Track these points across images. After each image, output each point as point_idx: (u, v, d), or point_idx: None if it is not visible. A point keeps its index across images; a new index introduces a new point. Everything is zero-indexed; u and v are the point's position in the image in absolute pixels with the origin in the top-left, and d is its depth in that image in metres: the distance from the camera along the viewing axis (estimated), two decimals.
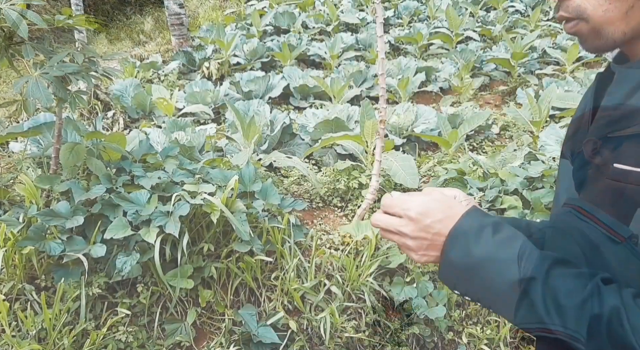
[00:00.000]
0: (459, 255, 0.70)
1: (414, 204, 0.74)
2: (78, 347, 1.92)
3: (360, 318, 2.26)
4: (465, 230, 0.71)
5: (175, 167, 2.48)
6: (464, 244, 0.70)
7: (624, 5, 0.65)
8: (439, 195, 0.75)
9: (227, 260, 2.22)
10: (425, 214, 0.72)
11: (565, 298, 0.63)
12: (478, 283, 0.69)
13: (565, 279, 0.64)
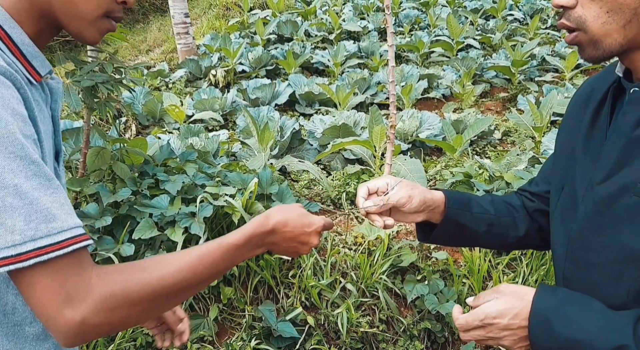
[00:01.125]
0: (547, 342, 0.74)
1: (486, 311, 0.78)
2: (109, 340, 2.02)
3: (374, 314, 2.36)
4: (542, 316, 0.75)
5: (195, 170, 2.59)
6: (547, 330, 0.74)
7: (622, 19, 0.71)
8: (505, 290, 0.80)
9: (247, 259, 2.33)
10: (501, 315, 0.77)
11: None
12: None
13: None
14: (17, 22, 0.71)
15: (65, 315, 0.63)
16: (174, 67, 7.39)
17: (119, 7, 0.78)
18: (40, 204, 0.62)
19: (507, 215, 1.04)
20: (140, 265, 0.72)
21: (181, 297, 0.77)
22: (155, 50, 9.68)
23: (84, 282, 0.65)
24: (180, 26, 7.48)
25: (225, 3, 11.41)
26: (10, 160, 0.60)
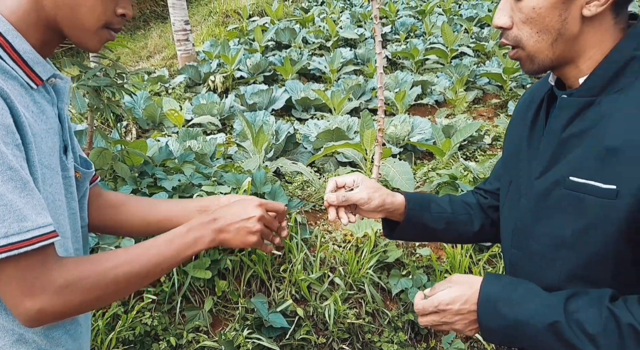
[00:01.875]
0: (494, 322, 0.84)
1: (439, 298, 0.88)
2: (110, 329, 2.15)
3: (360, 306, 2.49)
4: (489, 301, 0.84)
5: (193, 171, 2.73)
6: (494, 312, 0.84)
7: (549, 38, 0.82)
8: (457, 279, 0.90)
9: (241, 254, 2.46)
10: (451, 302, 0.87)
11: (591, 328, 0.75)
12: (519, 338, 0.82)
13: (583, 312, 0.77)
14: (22, 32, 0.80)
15: (26, 304, 0.73)
16: (174, 73, 7.54)
17: (118, 19, 0.87)
18: (13, 205, 0.70)
19: (463, 213, 1.15)
20: (95, 258, 0.81)
21: (133, 285, 0.84)
22: (155, 57, 9.84)
23: (45, 276, 0.74)
24: (180, 33, 7.64)
25: (225, 10, 11.60)
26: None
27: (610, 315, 0.75)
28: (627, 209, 0.75)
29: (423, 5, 12.06)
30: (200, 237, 0.89)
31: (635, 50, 0.79)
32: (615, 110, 0.78)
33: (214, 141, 3.70)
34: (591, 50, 0.82)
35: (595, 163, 0.78)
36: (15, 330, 0.81)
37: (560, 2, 0.79)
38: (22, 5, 0.80)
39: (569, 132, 0.84)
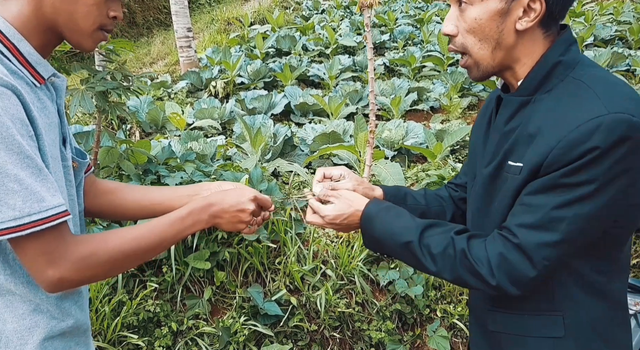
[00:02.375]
0: (367, 234, 1.09)
1: (327, 212, 1.11)
2: (116, 314, 2.30)
3: (351, 297, 2.64)
4: (367, 217, 1.09)
5: (194, 169, 2.89)
6: (369, 226, 1.08)
7: (489, 47, 0.95)
8: (344, 194, 1.14)
9: (239, 246, 2.61)
10: (337, 216, 1.11)
11: (434, 249, 0.99)
12: (385, 248, 1.08)
13: (432, 237, 1.01)
14: (25, 36, 0.89)
15: (48, 273, 0.85)
16: (176, 78, 7.74)
17: (110, 21, 0.97)
18: (33, 188, 0.81)
19: (436, 205, 1.30)
20: (106, 234, 0.94)
21: (139, 259, 0.98)
22: (158, 63, 10.05)
23: (64, 248, 0.86)
24: (183, 40, 7.85)
25: (227, 18, 11.82)
26: (11, 155, 0.79)
27: (451, 242, 0.98)
28: (523, 179, 0.93)
29: (421, 14, 12.28)
30: (198, 220, 1.03)
31: (560, 56, 0.94)
32: (541, 106, 0.94)
33: (214, 143, 3.87)
34: (525, 58, 0.97)
35: (522, 148, 0.94)
36: (33, 301, 0.92)
37: (497, 15, 0.92)
38: (24, 11, 0.89)
39: (510, 126, 0.99)
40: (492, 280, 0.93)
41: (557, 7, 0.93)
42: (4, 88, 0.80)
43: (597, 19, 11.52)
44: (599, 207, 0.87)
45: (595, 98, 0.86)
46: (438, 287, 2.74)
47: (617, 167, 0.85)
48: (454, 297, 2.70)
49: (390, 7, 13.85)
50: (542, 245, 0.90)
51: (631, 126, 0.83)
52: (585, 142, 0.84)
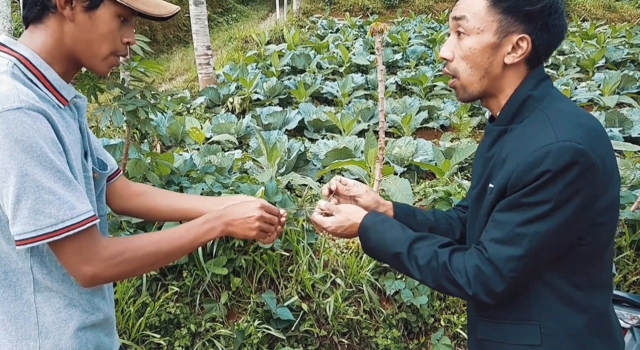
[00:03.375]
0: (364, 243, 1.21)
1: (328, 223, 1.25)
2: (140, 315, 2.48)
3: (359, 305, 2.79)
4: (364, 228, 1.21)
5: (213, 181, 3.09)
6: (365, 236, 1.20)
7: (479, 74, 1.07)
8: (343, 208, 1.26)
9: (254, 254, 2.78)
10: (337, 228, 1.24)
11: (420, 260, 1.10)
12: (379, 257, 1.21)
13: (419, 249, 1.12)
14: (50, 64, 1.02)
15: (83, 270, 0.97)
16: (194, 94, 8.02)
17: (123, 47, 1.07)
18: (65, 198, 0.93)
19: (445, 223, 1.41)
20: (132, 238, 1.06)
21: (161, 260, 1.10)
22: (177, 78, 10.37)
23: (96, 248, 0.98)
24: (202, 57, 8.15)
25: (244, 36, 12.16)
26: (45, 170, 0.91)
27: (435, 255, 1.10)
28: (493, 199, 1.06)
29: (434, 34, 12.51)
30: (213, 228, 1.15)
31: (530, 91, 1.07)
32: (514, 135, 1.08)
33: (232, 156, 4.07)
34: (507, 89, 1.10)
35: (497, 171, 1.08)
36: (67, 296, 1.05)
37: (489, 48, 1.05)
38: (48, 42, 1.02)
39: (491, 152, 1.13)
40: (469, 290, 1.04)
41: (542, 49, 1.06)
42: (36, 113, 0.92)
43: (609, 42, 11.63)
44: (557, 226, 0.98)
45: (550, 128, 0.99)
46: (442, 297, 2.87)
47: (569, 189, 0.95)
48: (457, 307, 2.83)
49: (404, 27, 14.12)
50: (508, 259, 1.01)
51: (576, 152, 0.94)
52: (539, 166, 0.96)
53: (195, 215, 1.25)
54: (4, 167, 0.90)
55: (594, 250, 1.05)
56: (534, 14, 1.03)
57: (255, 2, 21.81)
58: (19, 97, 0.91)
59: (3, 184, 0.91)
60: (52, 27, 1.02)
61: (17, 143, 0.89)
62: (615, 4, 18.40)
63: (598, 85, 8.15)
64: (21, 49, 1.00)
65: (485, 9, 1.05)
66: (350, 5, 17.94)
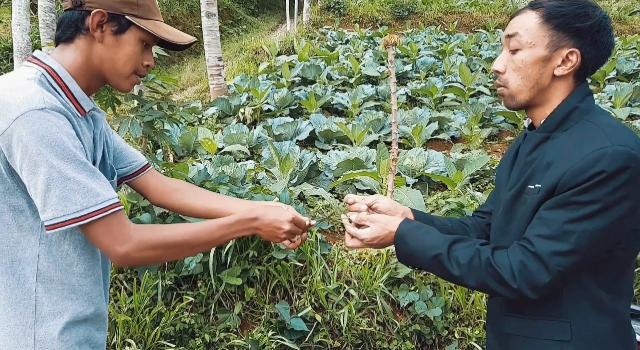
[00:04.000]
0: (401, 249, 1.24)
1: (364, 235, 1.26)
2: (155, 324, 2.49)
3: (372, 316, 2.78)
4: (400, 235, 1.24)
5: (227, 191, 3.11)
6: (402, 243, 1.23)
7: (529, 84, 1.15)
8: (376, 218, 1.28)
9: (268, 265, 2.79)
10: (372, 240, 1.26)
11: (462, 260, 1.13)
12: (417, 261, 1.23)
13: (460, 250, 1.15)
14: (75, 78, 1.12)
15: (116, 249, 1.06)
16: (206, 104, 8.09)
17: (144, 68, 1.20)
18: (90, 186, 1.02)
19: (461, 229, 1.45)
20: (162, 226, 1.15)
21: (187, 251, 1.17)
22: (188, 89, 10.48)
23: (127, 231, 1.07)
24: (213, 68, 8.23)
25: (255, 47, 12.28)
26: (69, 162, 1.00)
27: (476, 253, 1.13)
28: (540, 198, 1.10)
29: (443, 46, 12.55)
30: (242, 229, 1.23)
31: (578, 103, 1.14)
32: (558, 141, 1.13)
33: (245, 167, 4.10)
34: (554, 100, 1.17)
35: (540, 174, 1.12)
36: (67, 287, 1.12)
37: (540, 61, 1.13)
38: (77, 60, 1.13)
39: (531, 157, 1.18)
40: (514, 284, 1.07)
41: (591, 64, 1.14)
42: (58, 112, 1.02)
43: (620, 54, 11.61)
44: (604, 226, 1.03)
45: (603, 134, 1.05)
46: (456, 310, 2.86)
47: (619, 192, 1.01)
48: (471, 320, 2.81)
49: (413, 38, 14.19)
50: (555, 254, 1.05)
51: (630, 157, 1.01)
52: (593, 167, 1.02)
53: (226, 215, 1.29)
54: (33, 160, 0.98)
55: (628, 257, 1.11)
56: (583, 31, 1.11)
57: (265, 13, 22.05)
58: (43, 99, 1.01)
59: (32, 175, 0.99)
60: (82, 46, 1.14)
61: (42, 139, 0.98)
62: (625, 16, 18.38)
63: (609, 97, 8.13)
64: (50, 62, 1.11)
65: (537, 26, 1.13)
66: (359, 17, 18.07)
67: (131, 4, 1.13)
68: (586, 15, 1.11)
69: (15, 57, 5.05)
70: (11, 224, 1.06)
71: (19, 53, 4.94)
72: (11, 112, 0.98)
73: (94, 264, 1.17)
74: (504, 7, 19.56)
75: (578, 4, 1.12)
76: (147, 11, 1.16)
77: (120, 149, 1.35)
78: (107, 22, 1.12)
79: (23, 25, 4.82)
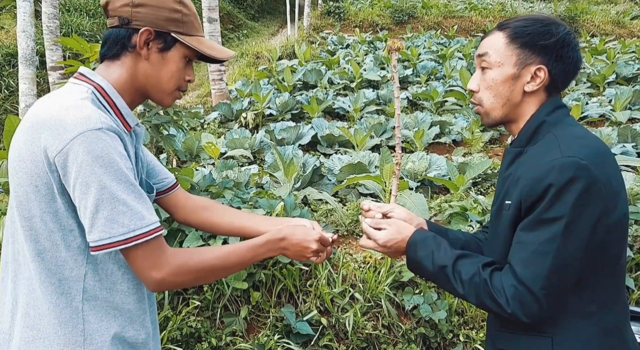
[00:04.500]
0: (411, 256, 1.27)
1: (379, 236, 1.29)
2: (162, 328, 2.50)
3: (377, 320, 2.80)
4: (413, 242, 1.27)
5: (232, 195, 3.13)
6: (413, 250, 1.26)
7: (501, 101, 1.20)
8: (394, 223, 1.31)
9: (273, 269, 2.81)
10: (388, 241, 1.29)
11: (464, 276, 1.16)
12: (424, 270, 1.25)
13: (464, 265, 1.17)
14: (121, 94, 1.14)
15: (153, 275, 1.07)
16: (208, 109, 8.13)
17: (185, 83, 1.22)
18: (136, 209, 1.03)
19: (474, 243, 1.48)
20: (197, 249, 1.17)
21: (221, 273, 1.19)
22: (190, 94, 10.52)
23: (164, 256, 1.07)
24: (215, 73, 8.27)
25: (256, 52, 12.33)
26: (120, 184, 1.01)
27: (477, 271, 1.15)
28: (511, 214, 1.13)
29: (444, 50, 12.60)
30: (271, 249, 1.25)
31: (545, 116, 1.18)
32: (528, 155, 1.17)
33: (248, 172, 4.12)
34: (527, 115, 1.21)
35: (512, 189, 1.15)
36: (111, 303, 1.13)
37: (510, 78, 1.18)
38: (123, 76, 1.15)
39: (508, 172, 1.22)
40: (508, 308, 1.09)
41: (560, 78, 1.18)
42: (113, 133, 1.04)
43: (619, 57, 11.65)
44: (576, 240, 1.05)
45: (557, 147, 1.09)
46: (461, 313, 2.88)
47: (578, 204, 1.03)
48: (476, 323, 2.83)
49: (413, 42, 14.24)
50: (536, 278, 1.06)
51: (579, 167, 1.03)
52: (544, 180, 1.05)
53: (254, 234, 1.34)
54: (85, 180, 0.99)
55: (604, 266, 1.11)
56: (548, 47, 1.16)
57: (265, 18, 22.13)
58: (100, 119, 1.03)
59: (83, 195, 1.00)
60: (127, 63, 1.16)
61: (97, 159, 0.99)
62: (623, 19, 18.45)
63: (609, 100, 8.16)
64: (98, 79, 1.13)
65: (504, 45, 1.19)
66: (360, 22, 18.13)
67: (177, 22, 1.15)
68: (549, 33, 1.16)
69: (20, 63, 5.08)
70: (60, 244, 1.07)
71: (24, 59, 4.98)
72: (69, 132, 0.99)
73: (138, 282, 1.18)
74: (503, 11, 19.65)
75: (542, 22, 1.17)
76: (191, 28, 1.18)
77: (152, 165, 1.37)
78: (153, 39, 1.13)
79: (28, 32, 4.85)
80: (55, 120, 1.01)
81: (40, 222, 1.05)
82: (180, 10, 1.15)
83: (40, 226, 1.05)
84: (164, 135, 2.80)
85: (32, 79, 5.27)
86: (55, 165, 1.00)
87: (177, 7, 1.15)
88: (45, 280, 1.08)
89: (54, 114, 1.02)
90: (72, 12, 12.91)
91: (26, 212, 1.05)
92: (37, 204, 1.04)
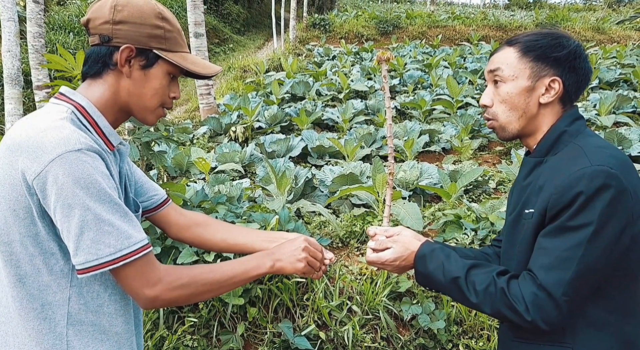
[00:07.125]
0: (420, 270, 1.27)
1: (384, 257, 1.31)
2: (158, 348, 2.45)
3: (376, 332, 2.77)
4: (421, 255, 1.28)
5: (225, 210, 3.10)
6: (422, 263, 1.27)
7: (517, 115, 1.20)
8: (399, 239, 1.32)
9: (269, 283, 2.77)
10: (394, 260, 1.30)
11: (478, 286, 1.15)
12: (435, 283, 1.24)
13: (477, 275, 1.17)
14: (102, 113, 1.11)
15: (145, 292, 1.04)
16: (196, 124, 8.09)
17: (170, 100, 1.19)
18: (122, 228, 1.01)
19: (483, 259, 1.47)
20: (190, 266, 1.14)
21: (215, 288, 1.15)
22: (177, 109, 10.48)
23: (155, 273, 1.05)
24: (203, 88, 8.25)
25: (243, 65, 12.34)
26: (104, 204, 0.99)
27: (492, 281, 1.15)
28: (534, 223, 1.13)
29: (429, 59, 12.73)
30: (263, 263, 1.22)
31: (566, 126, 1.19)
32: (549, 165, 1.17)
33: (240, 186, 4.09)
34: (544, 126, 1.22)
35: (533, 198, 1.16)
36: (97, 326, 1.10)
37: (525, 91, 1.19)
38: (105, 95, 1.12)
39: (527, 181, 1.22)
40: (528, 316, 1.08)
41: (573, 89, 1.20)
42: (93, 153, 1.01)
43: (601, 63, 11.86)
44: (601, 248, 1.04)
45: (584, 156, 1.09)
46: (460, 322, 2.86)
47: (607, 212, 1.03)
48: (475, 332, 2.81)
49: (399, 52, 14.38)
50: (559, 283, 1.06)
51: (609, 175, 1.03)
52: (574, 188, 1.05)
53: (248, 250, 1.34)
54: (67, 203, 0.97)
55: (625, 275, 1.11)
56: (561, 59, 1.18)
57: (251, 32, 22.23)
58: (79, 140, 1.00)
59: (65, 218, 0.98)
60: (109, 81, 1.13)
61: (77, 181, 0.97)
62: (603, 26, 18.83)
63: (594, 105, 8.28)
64: (78, 99, 1.11)
65: (517, 59, 1.20)
66: (345, 33, 18.29)
67: (159, 38, 1.12)
68: (561, 45, 1.18)
69: (5, 83, 5.03)
70: (42, 268, 1.04)
71: (9, 79, 4.92)
72: (47, 154, 0.96)
73: (125, 303, 1.15)
74: (485, 20, 19.96)
75: (552, 36, 1.19)
76: (174, 44, 1.15)
77: (141, 182, 1.35)
78: (135, 57, 1.11)
79: (13, 51, 4.81)
80: (33, 142, 0.98)
81: (20, 246, 1.02)
82: (162, 27, 1.13)
83: (21, 251, 1.03)
84: (155, 151, 2.77)
85: (18, 98, 5.21)
86: (34, 189, 0.98)
87: (159, 23, 1.12)
88: (27, 306, 1.05)
89: (32, 136, 0.99)
90: (57, 30, 12.86)
91: (5, 237, 1.03)
92: (17, 228, 1.01)
